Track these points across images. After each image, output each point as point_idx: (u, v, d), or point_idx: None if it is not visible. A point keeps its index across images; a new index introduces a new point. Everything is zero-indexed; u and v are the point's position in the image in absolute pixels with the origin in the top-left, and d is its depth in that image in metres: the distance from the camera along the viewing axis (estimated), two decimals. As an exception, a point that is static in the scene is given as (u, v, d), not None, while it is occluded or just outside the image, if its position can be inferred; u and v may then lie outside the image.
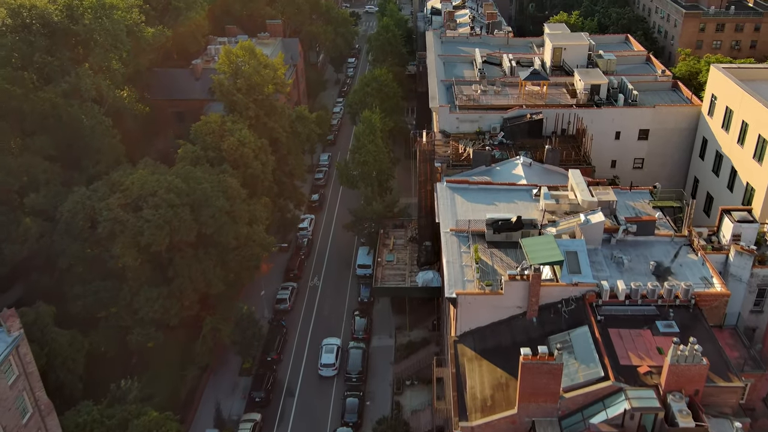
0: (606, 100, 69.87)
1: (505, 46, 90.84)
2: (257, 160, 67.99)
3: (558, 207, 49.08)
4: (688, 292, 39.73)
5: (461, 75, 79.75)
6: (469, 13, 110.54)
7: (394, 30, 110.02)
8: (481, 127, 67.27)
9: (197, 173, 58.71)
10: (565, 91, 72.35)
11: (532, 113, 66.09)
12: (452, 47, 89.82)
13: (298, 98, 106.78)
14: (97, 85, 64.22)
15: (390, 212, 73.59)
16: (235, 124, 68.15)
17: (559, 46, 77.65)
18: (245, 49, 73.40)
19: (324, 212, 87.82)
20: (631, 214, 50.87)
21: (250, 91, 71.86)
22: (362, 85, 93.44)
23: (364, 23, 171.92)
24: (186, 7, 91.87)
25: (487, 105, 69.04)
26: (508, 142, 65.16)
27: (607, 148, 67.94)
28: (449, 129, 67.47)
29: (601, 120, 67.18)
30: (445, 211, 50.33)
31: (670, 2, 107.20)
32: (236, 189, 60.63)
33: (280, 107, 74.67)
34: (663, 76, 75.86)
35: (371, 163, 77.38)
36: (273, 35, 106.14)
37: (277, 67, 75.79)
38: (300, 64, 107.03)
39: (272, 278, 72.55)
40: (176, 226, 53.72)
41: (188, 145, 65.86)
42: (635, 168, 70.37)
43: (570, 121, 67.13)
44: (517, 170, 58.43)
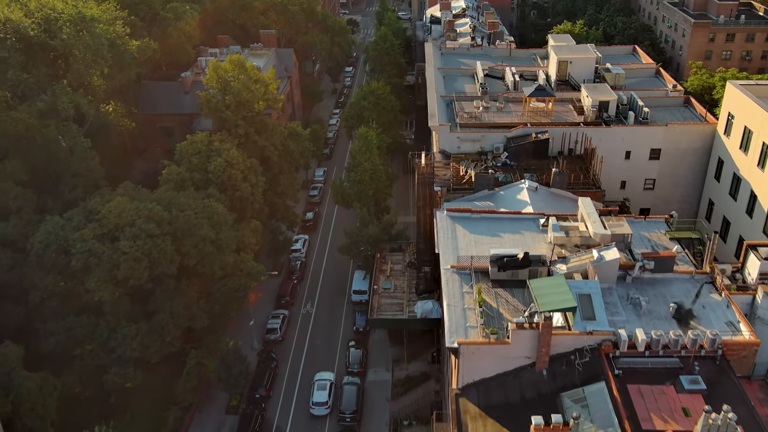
0: (615, 118, 66.16)
1: (508, 58, 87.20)
2: (246, 182, 64.20)
3: (568, 240, 45.27)
4: (714, 341, 35.91)
5: (462, 90, 76.04)
6: (469, 23, 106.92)
7: (392, 40, 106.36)
8: (484, 147, 63.52)
9: (180, 199, 54.90)
10: (571, 107, 68.62)
11: (537, 132, 62.34)
12: (452, 59, 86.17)
13: (293, 110, 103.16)
14: (75, 103, 60.39)
15: (387, 235, 69.76)
16: (222, 143, 64.40)
17: (565, 59, 73.94)
18: (234, 63, 69.65)
19: (319, 232, 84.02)
20: (646, 246, 47.07)
21: (239, 107, 68.10)
22: (359, 98, 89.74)
23: (363, 30, 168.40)
24: (175, 17, 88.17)
25: (489, 123, 65.28)
26: (512, 164, 61.39)
27: (616, 168, 64.22)
28: (449, 149, 63.71)
29: (611, 139, 63.49)
30: (445, 244, 46.50)
31: (677, 11, 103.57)
32: (223, 215, 56.83)
33: (271, 124, 70.92)
34: (674, 91, 72.15)
35: (367, 181, 73.62)
36: (266, 45, 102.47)
37: (268, 81, 72.01)
38: (295, 75, 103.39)
39: (263, 305, 68.70)
40: (156, 258, 49.92)
41: (173, 166, 62.10)
42: (646, 189, 66.66)
43: (577, 140, 63.40)
44: (522, 195, 54.67)
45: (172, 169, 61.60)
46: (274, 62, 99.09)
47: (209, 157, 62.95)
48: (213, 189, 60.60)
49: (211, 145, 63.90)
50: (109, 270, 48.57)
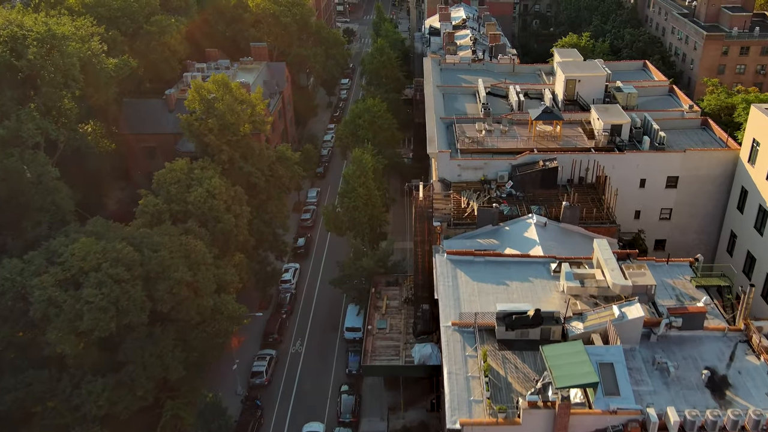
0: (628, 142, 61.32)
1: (511, 74, 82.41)
2: (230, 213, 59.26)
3: (583, 291, 40.32)
4: (758, 423, 30.92)
5: (463, 110, 71.20)
6: (470, 35, 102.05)
7: (389, 53, 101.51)
8: (487, 176, 58.62)
9: (154, 237, 49.91)
10: (581, 130, 63.79)
11: (545, 160, 57.42)
12: (452, 75, 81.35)
13: (285, 126, 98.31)
14: (43, 128, 55.47)
15: (383, 267, 64.76)
16: (204, 171, 59.50)
17: (573, 77, 69.10)
18: (218, 83, 64.79)
19: (311, 259, 78.99)
20: (670, 295, 42.12)
21: (223, 131, 63.21)
22: (353, 116, 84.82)
23: (360, 39, 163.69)
24: (159, 31, 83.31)
25: (493, 149, 60.42)
26: (518, 194, 56.46)
27: (630, 197, 59.39)
28: (450, 177, 58.80)
29: (624, 166, 58.66)
30: (445, 294, 41.53)
31: (688, 23, 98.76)
32: (201, 253, 51.88)
33: (258, 148, 65.97)
34: (690, 111, 67.29)
35: (362, 208, 68.67)
36: (257, 59, 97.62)
37: (255, 102, 67.14)
38: (287, 90, 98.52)
39: (248, 344, 63.60)
40: (124, 306, 44.93)
41: (150, 196, 57.14)
42: (662, 219, 61.81)
43: (588, 168, 58.51)
44: (530, 232, 49.79)
45: (148, 200, 56.64)
46: (265, 77, 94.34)
47: (189, 186, 58.08)
48: (192, 222, 55.67)
49: (191, 173, 59.03)
50: (71, 321, 43.57)
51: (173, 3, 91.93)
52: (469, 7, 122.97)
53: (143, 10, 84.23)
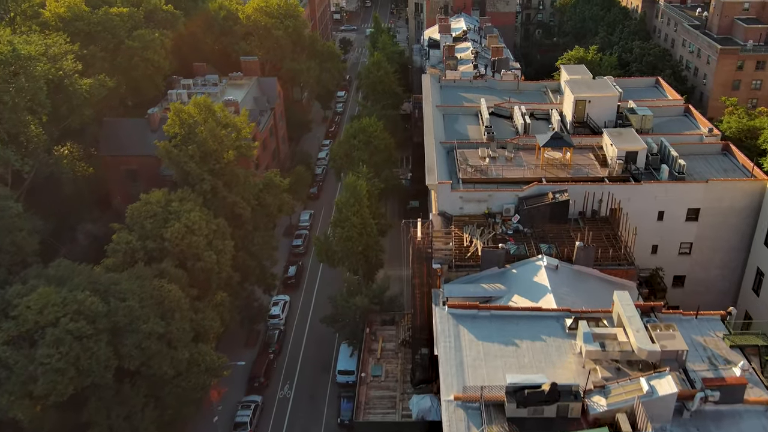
0: (645, 171, 56.45)
1: (515, 92, 77.51)
2: (211, 249, 54.35)
3: (604, 355, 35.32)
4: None
5: (464, 132, 66.32)
6: (471, 47, 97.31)
7: (386, 67, 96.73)
8: (491, 208, 53.71)
9: (122, 283, 44.96)
10: (592, 157, 58.92)
11: (554, 192, 52.49)
12: (453, 93, 76.50)
13: (277, 145, 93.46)
14: (4, 159, 50.60)
15: (378, 304, 59.86)
16: (183, 203, 54.60)
17: (583, 98, 64.21)
18: (200, 106, 59.95)
19: (302, 290, 74.02)
20: (701, 356, 37.14)
21: (204, 158, 58.38)
22: (348, 136, 79.98)
23: (357, 49, 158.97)
24: (142, 46, 78.45)
25: (497, 179, 55.54)
26: (526, 230, 51.54)
27: (647, 230, 54.43)
28: (451, 211, 53.88)
29: (641, 198, 53.81)
30: (447, 359, 36.53)
31: (700, 35, 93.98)
32: (177, 299, 46.96)
33: (243, 176, 61.04)
34: (710, 135, 62.42)
35: (356, 238, 63.83)
36: (248, 74, 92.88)
37: (240, 125, 62.26)
38: (279, 106, 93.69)
39: (232, 389, 58.46)
40: (85, 366, 40.01)
41: (123, 232, 52.26)
42: (681, 254, 56.92)
43: (602, 200, 53.60)
44: (540, 276, 44.87)
45: (121, 236, 51.76)
46: (255, 93, 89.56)
47: (167, 220, 53.19)
48: (168, 262, 50.76)
49: (169, 205, 54.11)
50: (24, 384, 38.62)
51: (158, 16, 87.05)
52: (469, 17, 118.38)
53: (125, 24, 79.44)
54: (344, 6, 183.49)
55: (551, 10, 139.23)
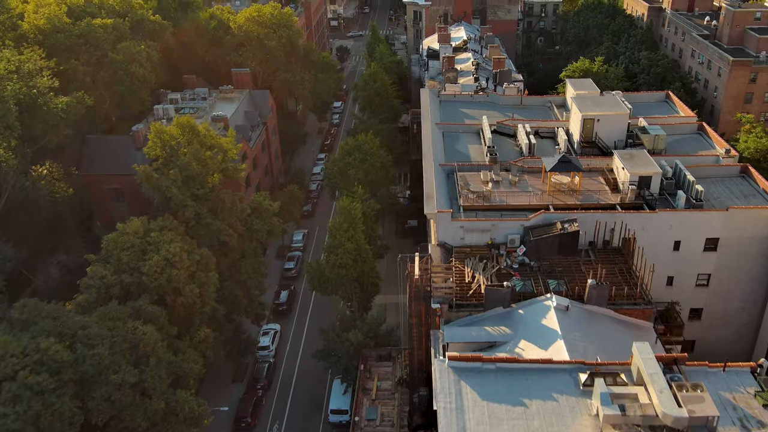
0: (659, 196, 52.62)
1: (519, 107, 73.71)
2: (193, 282, 50.52)
3: (625, 420, 31.42)
4: None
5: (465, 152, 62.51)
6: (472, 58, 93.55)
7: (383, 78, 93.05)
8: (495, 239, 49.81)
9: (92, 327, 41.06)
10: (602, 180, 55.09)
11: (563, 222, 48.64)
12: (453, 109, 72.71)
13: (269, 160, 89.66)
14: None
15: (373, 339, 56.03)
16: (164, 232, 50.78)
17: (591, 117, 60.39)
18: (183, 127, 56.16)
19: (293, 318, 70.16)
20: (731, 418, 33.19)
21: (188, 183, 54.54)
22: (343, 153, 76.19)
23: (354, 57, 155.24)
24: (127, 60, 74.74)
25: (501, 206, 51.67)
26: (533, 263, 47.65)
27: (662, 261, 50.54)
28: (451, 241, 49.99)
29: (656, 227, 50.03)
30: (447, 422, 32.59)
31: (710, 46, 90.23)
32: (153, 342, 43.08)
33: (229, 200, 57.16)
34: (727, 156, 58.60)
35: (350, 265, 60.08)
36: (239, 86, 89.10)
37: (227, 146, 58.43)
38: (272, 120, 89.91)
39: (216, 430, 54.67)
40: (46, 425, 36.07)
41: (97, 266, 48.41)
42: (699, 286, 53.08)
43: (614, 229, 49.76)
44: (550, 318, 40.99)
45: (95, 270, 47.93)
46: (246, 106, 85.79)
47: (145, 252, 49.38)
48: (145, 300, 46.86)
49: (148, 236, 50.27)
50: (-23, 447, 34.71)
51: (145, 27, 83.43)
52: (470, 26, 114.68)
53: (109, 36, 75.71)
54: (342, 13, 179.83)
55: (553, 17, 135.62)
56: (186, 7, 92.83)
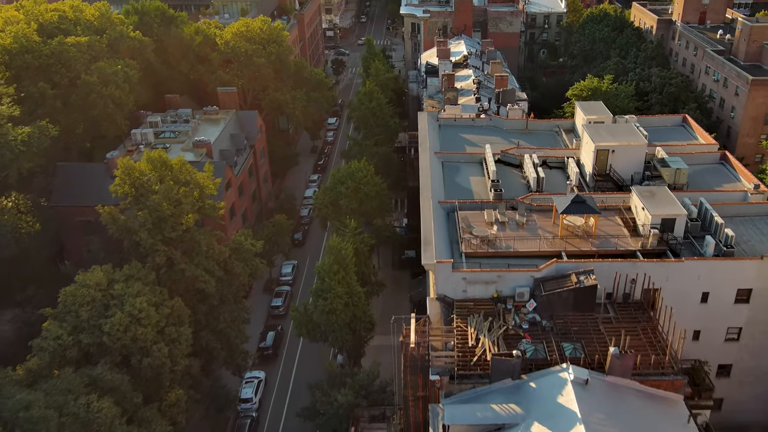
0: (684, 240, 47.13)
1: (524, 132, 68.40)
2: (162, 339, 44.99)
3: None
4: None
5: (467, 186, 57.09)
6: (473, 76, 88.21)
7: (378, 97, 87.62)
8: (501, 291, 44.27)
9: (35, 408, 35.43)
10: (619, 221, 49.63)
11: (578, 273, 43.10)
12: (453, 135, 67.35)
13: (258, 185, 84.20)
14: None
15: (366, 398, 50.42)
16: (130, 283, 45.25)
17: (605, 148, 54.95)
18: (154, 162, 50.68)
19: (280, 363, 64.53)
20: None
21: (159, 225, 49.01)
22: (335, 181, 70.67)
23: (351, 69, 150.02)
24: (101, 81, 69.33)
25: (508, 252, 46.19)
26: (545, 323, 42.10)
27: (688, 313, 45.05)
28: (452, 294, 44.44)
29: (682, 277, 44.55)
30: None
31: (726, 63, 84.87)
32: (109, 420, 37.45)
33: (206, 243, 51.61)
34: (757, 193, 53.13)
35: (341, 310, 54.62)
36: (226, 106, 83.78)
37: (203, 182, 52.91)
38: (261, 142, 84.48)
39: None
40: None
41: (53, 325, 42.86)
42: (728, 340, 47.57)
43: (635, 279, 44.23)
44: (566, 395, 35.52)
45: (50, 330, 42.41)
46: (232, 129, 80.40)
47: (107, 308, 43.88)
48: (105, 365, 41.31)
49: (111, 288, 44.73)
50: None
51: (124, 44, 78.06)
52: (470, 39, 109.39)
53: (83, 55, 70.35)
54: (338, 23, 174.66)
55: (557, 29, 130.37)
56: (170, 22, 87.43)
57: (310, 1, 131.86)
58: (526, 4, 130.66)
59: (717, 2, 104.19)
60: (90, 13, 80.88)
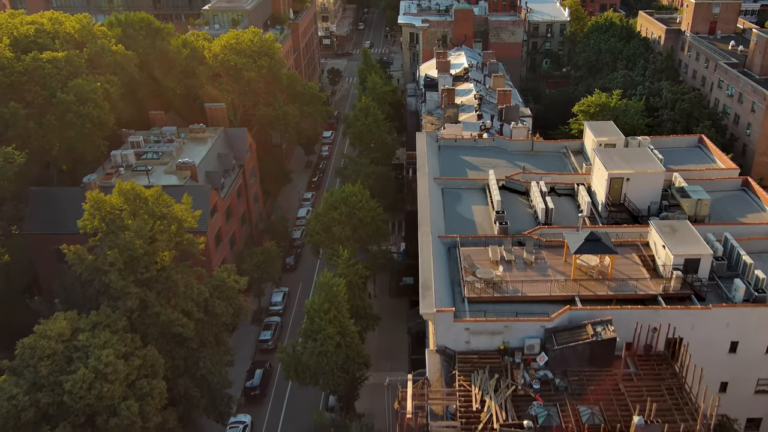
0: (709, 282, 42.68)
1: (529, 154, 64.11)
2: (133, 395, 40.47)
3: None
4: None
5: (469, 217, 52.65)
6: (474, 90, 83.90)
7: (375, 113, 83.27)
8: (508, 343, 39.81)
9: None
10: (637, 259, 45.22)
11: (594, 324, 38.64)
12: (454, 157, 63.05)
13: (248, 206, 79.73)
14: None
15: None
16: (96, 332, 40.79)
17: (619, 176, 50.55)
18: (126, 194, 46.24)
19: (268, 403, 59.95)
20: None
21: (131, 264, 44.53)
22: (328, 206, 66.21)
23: (347, 78, 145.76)
24: (78, 100, 64.96)
25: (515, 297, 41.74)
26: (558, 381, 37.62)
27: (714, 363, 40.86)
28: (454, 346, 39.99)
29: (708, 325, 40.26)
30: None
31: (741, 77, 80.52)
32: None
33: (184, 282, 47.10)
34: (785, 226, 48.76)
35: (332, 352, 50.21)
36: (214, 123, 79.44)
37: (182, 216, 48.45)
38: (250, 161, 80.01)
39: None
40: None
41: (6, 383, 38.37)
42: (758, 392, 43.11)
43: (657, 328, 39.75)
44: (585, 473, 30.92)
45: (3, 390, 37.88)
46: (220, 148, 75.98)
47: (70, 361, 39.45)
48: (65, 429, 36.82)
49: (74, 338, 40.27)
50: None
51: (105, 59, 73.70)
52: (471, 50, 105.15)
53: (60, 72, 66.06)
54: (335, 30, 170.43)
55: (560, 38, 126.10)
56: (155, 35, 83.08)
57: (305, 9, 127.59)
58: (529, 12, 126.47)
59: (728, 12, 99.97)
60: (70, 26, 76.69)
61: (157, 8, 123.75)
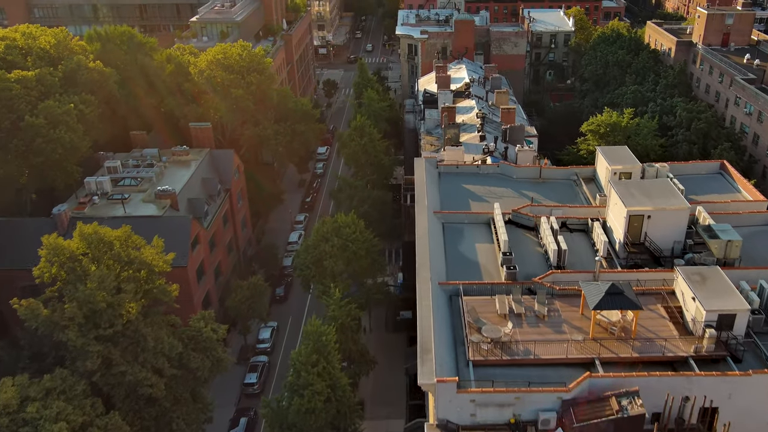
0: (746, 339, 37.66)
1: (537, 181, 59.11)
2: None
3: None
4: None
5: (473, 258, 47.57)
6: (476, 108, 78.98)
7: (371, 132, 78.34)
8: (520, 416, 34.72)
9: None
10: (662, 311, 40.19)
11: (619, 397, 33.58)
12: (455, 186, 58.02)
13: (234, 232, 74.63)
14: None
15: None
16: (49, 401, 35.68)
17: (639, 213, 45.52)
18: (90, 239, 41.17)
19: (253, 457, 54.87)
20: None
21: (93, 319, 39.45)
22: (319, 238, 61.23)
23: (344, 90, 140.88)
24: (49, 124, 60.00)
25: (527, 360, 36.69)
26: (577, 464, 32.56)
27: (753, 434, 35.66)
28: (457, 419, 34.89)
29: (747, 392, 35.10)
30: None
31: (761, 94, 75.58)
32: None
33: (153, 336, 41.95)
34: (826, 270, 43.66)
35: (321, 409, 45.19)
36: (199, 144, 74.51)
37: (153, 262, 43.32)
38: (237, 184, 74.99)
39: None
40: None
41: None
42: (803, 467, 37.93)
43: (688, 397, 34.70)
44: None
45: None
46: (205, 172, 71.04)
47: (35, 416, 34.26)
48: None
49: (22, 410, 35.14)
50: None
51: (82, 77, 68.66)
52: (472, 63, 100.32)
53: (29, 93, 61.14)
54: (331, 39, 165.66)
55: (564, 49, 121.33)
56: (137, 50, 78.16)
57: (299, 20, 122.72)
58: (532, 22, 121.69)
59: (742, 22, 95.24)
60: (45, 41, 71.67)
61: (144, 19, 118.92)
